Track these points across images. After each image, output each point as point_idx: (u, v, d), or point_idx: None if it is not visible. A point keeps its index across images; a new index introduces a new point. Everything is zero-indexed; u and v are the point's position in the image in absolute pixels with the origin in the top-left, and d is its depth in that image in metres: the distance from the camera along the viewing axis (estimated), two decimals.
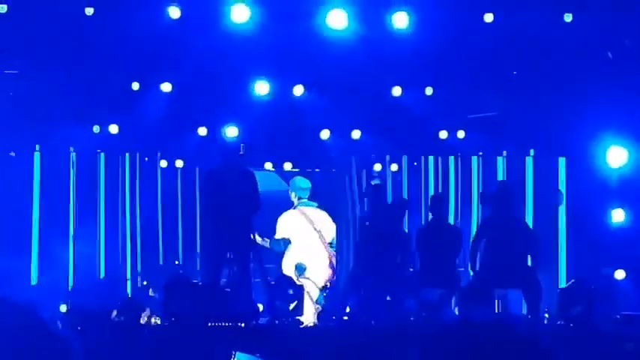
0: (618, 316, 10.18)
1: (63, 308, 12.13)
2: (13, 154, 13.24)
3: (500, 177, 13.73)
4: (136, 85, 12.94)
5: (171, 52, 12.45)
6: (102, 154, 13.89)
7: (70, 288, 13.28)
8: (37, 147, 13.56)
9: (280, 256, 11.99)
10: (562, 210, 13.48)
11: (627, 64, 12.43)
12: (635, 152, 12.84)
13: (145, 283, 13.20)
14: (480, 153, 14.08)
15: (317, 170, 14.06)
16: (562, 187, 13.63)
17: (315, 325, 10.83)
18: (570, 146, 13.19)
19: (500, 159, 14.03)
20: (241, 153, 10.71)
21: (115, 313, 10.62)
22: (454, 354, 8.86)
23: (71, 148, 13.65)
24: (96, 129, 13.34)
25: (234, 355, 8.38)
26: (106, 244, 13.96)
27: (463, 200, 14.07)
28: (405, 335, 9.62)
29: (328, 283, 12.05)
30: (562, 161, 13.75)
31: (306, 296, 11.29)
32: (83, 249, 13.78)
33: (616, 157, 12.89)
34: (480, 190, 13.45)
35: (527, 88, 12.88)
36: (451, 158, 14.20)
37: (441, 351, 8.99)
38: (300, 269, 11.71)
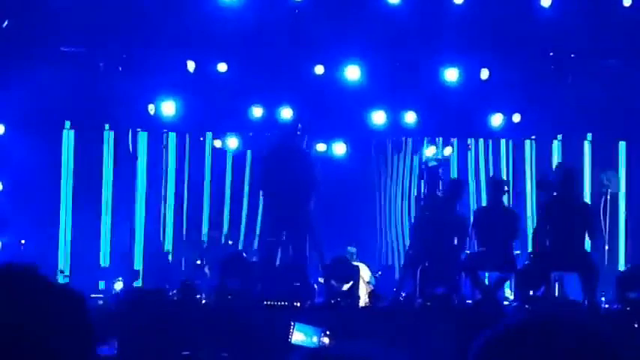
0: None
1: (118, 286, 12.30)
2: None
3: (555, 161, 13.62)
4: (191, 65, 12.98)
5: (228, 32, 12.48)
6: (170, 134, 14.08)
7: (135, 267, 13.51)
8: (107, 126, 13.78)
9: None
10: (621, 194, 13.36)
11: None
12: None
13: (198, 262, 13.30)
14: (533, 137, 13.97)
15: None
16: (622, 171, 13.51)
17: (368, 305, 10.85)
18: (630, 130, 13.05)
19: (555, 142, 13.92)
20: (298, 133, 10.73)
21: (174, 292, 10.74)
22: (507, 337, 8.87)
23: (138, 130, 13.88)
24: (151, 109, 13.44)
25: (294, 325, 8.43)
26: (170, 223, 14.22)
27: (516, 184, 14.03)
28: (459, 318, 9.63)
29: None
30: (622, 145, 13.64)
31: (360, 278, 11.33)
32: (147, 230, 14.03)
33: None
34: (542, 175, 13.35)
35: (585, 72, 12.76)
36: (502, 142, 14.15)
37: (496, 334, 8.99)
38: (350, 254, 11.81)
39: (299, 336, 8.44)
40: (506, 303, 11.29)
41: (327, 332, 8.31)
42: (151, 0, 12.24)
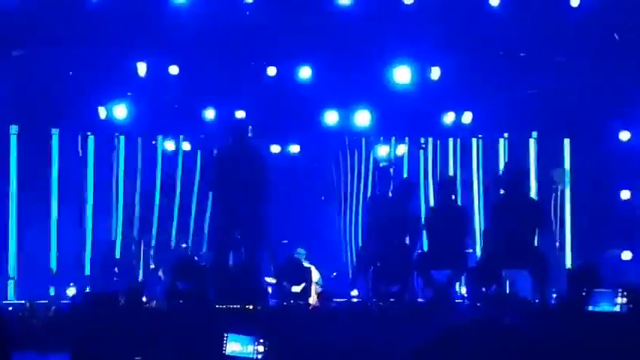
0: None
1: (71, 291, 12.20)
2: None
3: (501, 159, 13.75)
4: (142, 68, 12.90)
5: (179, 35, 12.44)
6: (121, 137, 14.01)
7: (86, 273, 13.40)
8: (56, 131, 13.68)
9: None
10: (568, 191, 13.50)
11: (634, 45, 12.43)
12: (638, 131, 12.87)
13: (152, 266, 13.24)
14: (480, 135, 14.09)
15: None
16: (567, 167, 13.65)
17: (317, 305, 10.84)
18: (575, 127, 13.21)
19: (501, 140, 14.04)
20: (250, 135, 10.69)
21: (123, 295, 10.65)
22: (461, 335, 8.91)
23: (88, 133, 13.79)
24: (102, 112, 13.35)
25: (227, 337, 8.34)
26: (120, 227, 14.12)
27: (464, 182, 14.12)
28: (413, 316, 9.65)
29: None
30: (567, 142, 13.79)
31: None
32: (98, 234, 13.92)
33: (623, 136, 12.94)
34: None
35: (532, 71, 12.88)
36: (450, 140, 14.25)
37: (448, 331, 9.03)
38: (300, 256, 11.81)
39: (234, 346, 8.35)
40: (459, 301, 11.34)
41: (262, 341, 8.24)
42: (101, 2, 12.14)
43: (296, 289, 10.60)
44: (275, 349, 8.32)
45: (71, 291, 12.20)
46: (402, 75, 12.83)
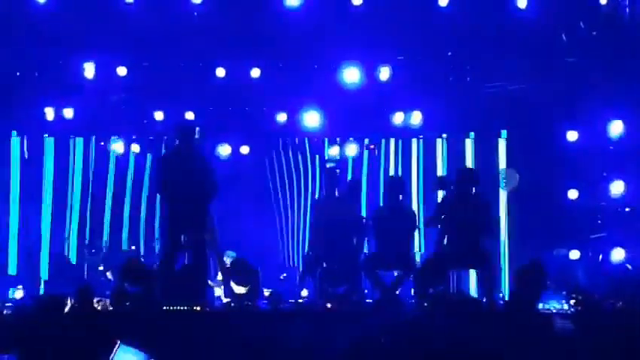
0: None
1: (18, 294, 12.09)
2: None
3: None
4: (90, 69, 12.82)
5: (127, 35, 12.38)
6: (52, 139, 13.91)
7: (42, 274, 13.31)
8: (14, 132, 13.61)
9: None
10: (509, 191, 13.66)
11: (581, 46, 12.57)
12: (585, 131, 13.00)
13: (100, 267, 13.16)
14: (421, 136, 14.19)
15: None
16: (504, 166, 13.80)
17: (269, 308, 10.82)
18: (523, 128, 13.33)
19: (439, 140, 14.15)
20: (197, 137, 10.65)
21: (70, 298, 10.57)
22: (412, 335, 8.95)
23: (14, 133, 13.69)
24: (49, 113, 13.25)
25: (119, 345, 8.18)
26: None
27: (426, 183, 14.19)
28: (362, 318, 9.68)
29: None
30: (502, 142, 13.94)
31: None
32: (53, 236, 13.83)
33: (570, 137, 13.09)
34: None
35: (481, 71, 12.99)
36: (391, 140, 14.34)
37: (398, 332, 9.08)
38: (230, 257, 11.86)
39: (123, 358, 8.11)
40: (409, 301, 11.39)
41: None
42: (51, 2, 12.05)
43: (240, 290, 10.57)
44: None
45: (19, 293, 12.08)
46: (351, 75, 12.86)
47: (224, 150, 13.63)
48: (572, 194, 13.14)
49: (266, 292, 11.08)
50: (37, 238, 13.81)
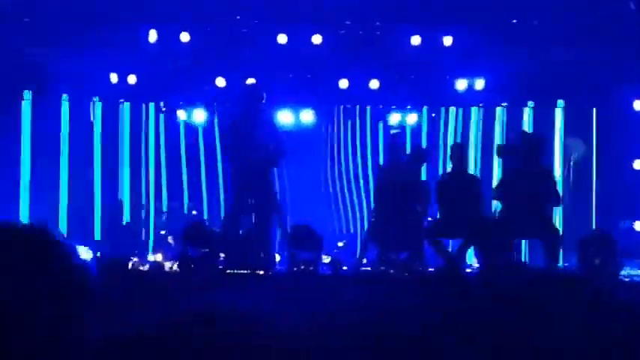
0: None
1: (88, 255, 12.21)
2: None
3: (526, 128, 13.66)
4: (153, 35, 12.87)
5: (189, 1, 12.38)
6: (126, 104, 14.01)
7: (95, 236, 13.43)
8: (65, 96, 13.68)
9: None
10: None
11: None
12: None
13: (162, 232, 13.25)
14: (504, 104, 14.00)
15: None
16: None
17: (331, 274, 10.82)
18: (600, 96, 13.10)
19: (526, 110, 13.96)
20: (263, 102, 10.65)
21: (134, 259, 10.68)
22: (472, 305, 8.90)
23: (95, 98, 13.78)
24: (114, 78, 13.33)
25: None
26: (127, 194, 14.14)
27: (485, 151, 14.05)
28: (424, 285, 9.63)
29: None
30: (559, 111, 13.74)
31: None
32: (106, 200, 13.93)
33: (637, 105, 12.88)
34: (502, 142, 13.39)
35: (553, 39, 12.77)
36: (474, 109, 14.18)
37: (458, 302, 9.03)
38: None
39: None
40: (469, 270, 11.31)
41: None
42: None
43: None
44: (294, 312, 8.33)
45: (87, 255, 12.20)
46: (414, 42, 12.78)
47: (284, 117, 13.63)
48: (638, 164, 12.95)
49: (325, 260, 11.09)
50: (91, 202, 13.92)
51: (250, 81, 12.55)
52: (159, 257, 12.02)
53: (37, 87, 13.27)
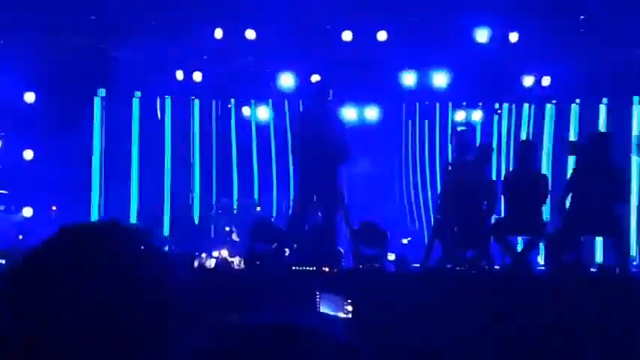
0: None
1: None
2: None
3: (574, 124, 13.56)
4: (219, 32, 12.96)
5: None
6: (196, 101, 14.15)
7: (164, 232, 13.59)
8: (138, 93, 13.86)
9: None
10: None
11: None
12: None
13: (227, 228, 13.33)
14: (554, 101, 13.91)
15: None
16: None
17: (394, 271, 10.80)
18: None
19: (574, 106, 13.84)
20: (330, 99, 10.66)
21: (202, 256, 10.77)
22: (539, 301, 8.83)
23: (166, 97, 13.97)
24: (179, 75, 13.46)
25: (319, 295, 8.39)
26: (197, 190, 14.30)
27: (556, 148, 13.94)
28: (489, 283, 9.59)
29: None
30: (636, 108, 13.56)
31: None
32: (175, 196, 14.10)
33: None
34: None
35: (609, 36, 12.61)
36: (525, 105, 14.08)
37: (526, 297, 8.96)
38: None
39: (325, 305, 8.38)
40: (539, 268, 11.25)
41: (349, 301, 8.25)
42: None
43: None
44: (362, 309, 8.38)
45: None
46: (481, 37, 12.69)
47: (349, 114, 13.64)
48: None
49: (390, 257, 11.07)
50: (161, 197, 14.08)
51: (315, 78, 12.58)
52: (224, 253, 12.10)
53: (107, 85, 13.46)
